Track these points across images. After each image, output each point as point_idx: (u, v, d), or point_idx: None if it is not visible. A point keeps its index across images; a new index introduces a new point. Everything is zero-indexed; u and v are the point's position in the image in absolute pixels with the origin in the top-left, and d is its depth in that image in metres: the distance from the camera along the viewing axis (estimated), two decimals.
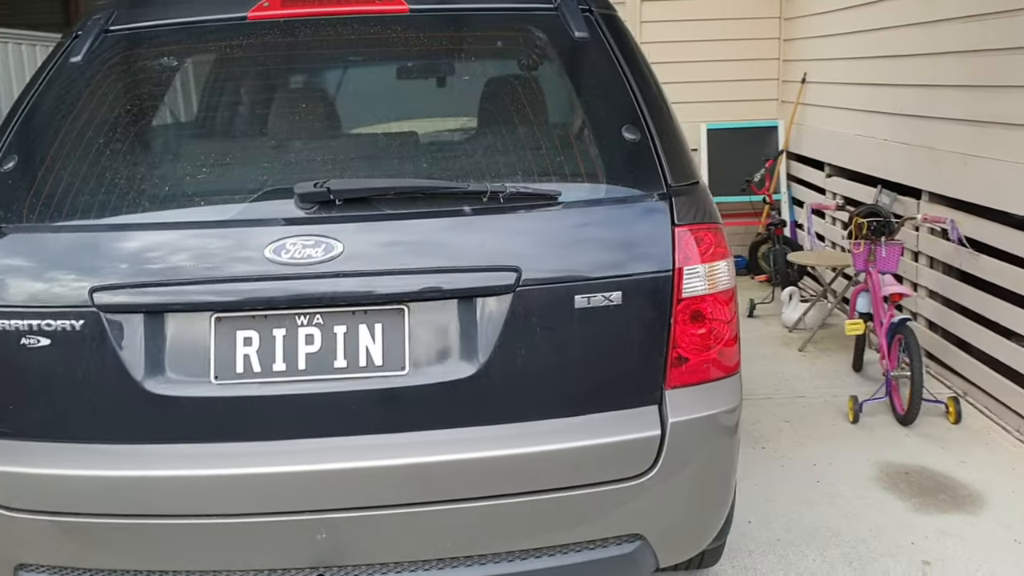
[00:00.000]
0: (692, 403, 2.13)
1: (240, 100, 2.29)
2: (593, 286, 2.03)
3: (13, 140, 2.18)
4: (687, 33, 7.63)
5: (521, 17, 2.31)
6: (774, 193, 7.14)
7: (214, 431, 2.01)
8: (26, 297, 2.03)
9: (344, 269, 1.98)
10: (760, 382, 4.99)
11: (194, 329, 2.01)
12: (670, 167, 2.15)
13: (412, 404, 2.02)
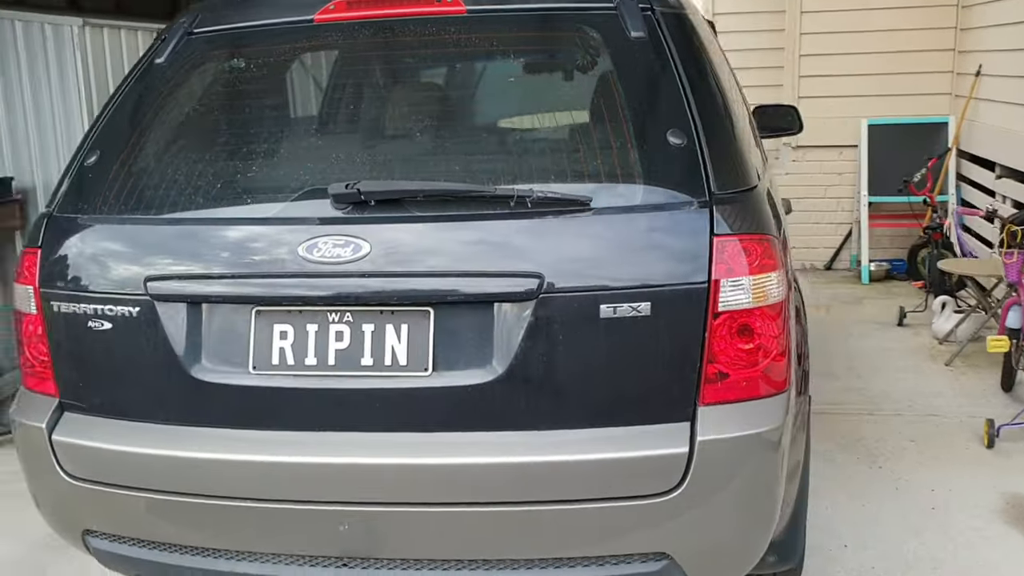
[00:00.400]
0: (728, 421, 2.03)
1: (297, 100, 2.37)
2: (619, 296, 1.97)
3: (98, 136, 2.35)
4: (851, 23, 7.24)
5: (578, 17, 2.27)
6: (938, 194, 6.67)
7: (249, 418, 2.10)
8: (94, 283, 2.19)
9: (371, 269, 2.02)
10: (893, 397, 4.70)
11: (236, 320, 2.11)
12: (716, 174, 2.05)
13: (433, 405, 2.04)
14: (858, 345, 5.60)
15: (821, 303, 6.67)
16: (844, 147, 7.49)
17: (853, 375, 5.06)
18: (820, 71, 7.40)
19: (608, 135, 2.14)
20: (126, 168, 2.27)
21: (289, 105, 2.39)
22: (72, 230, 2.25)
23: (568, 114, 2.23)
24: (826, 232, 7.73)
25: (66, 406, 2.28)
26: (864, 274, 7.22)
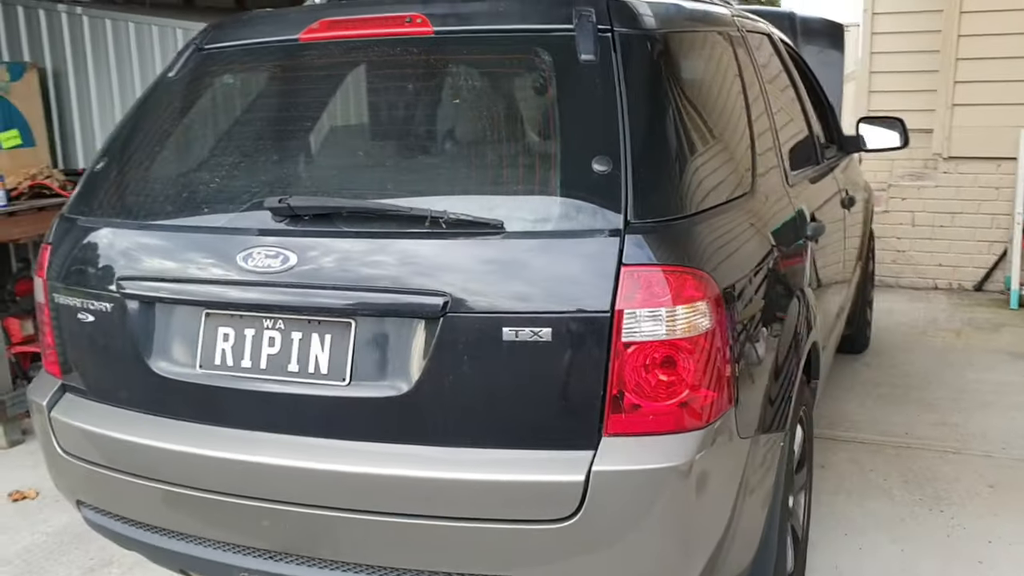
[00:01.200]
0: (631, 453, 2.00)
1: (267, 114, 2.52)
2: (522, 320, 1.99)
3: (108, 144, 2.60)
4: (1016, 24, 6.69)
5: (536, 39, 2.28)
6: None
7: (196, 412, 2.28)
8: (84, 280, 2.43)
9: (297, 280, 2.13)
10: (989, 436, 4.36)
11: (190, 321, 2.29)
12: (639, 203, 2.02)
13: (349, 414, 2.13)
14: (976, 376, 5.21)
15: (953, 327, 6.24)
16: (1003, 159, 6.94)
17: (954, 409, 4.73)
18: (978, 76, 6.88)
19: (535, 159, 2.15)
20: (119, 175, 2.50)
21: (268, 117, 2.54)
22: (73, 230, 2.51)
23: (503, 137, 2.25)
24: (978, 251, 7.19)
25: (67, 388, 2.54)
26: (1014, 299, 6.68)
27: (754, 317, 2.33)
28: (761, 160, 2.69)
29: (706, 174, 2.28)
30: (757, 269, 2.40)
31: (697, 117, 2.41)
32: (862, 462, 4.12)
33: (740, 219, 2.39)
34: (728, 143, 2.54)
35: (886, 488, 3.86)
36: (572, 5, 2.26)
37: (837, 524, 3.56)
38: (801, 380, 2.79)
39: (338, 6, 2.53)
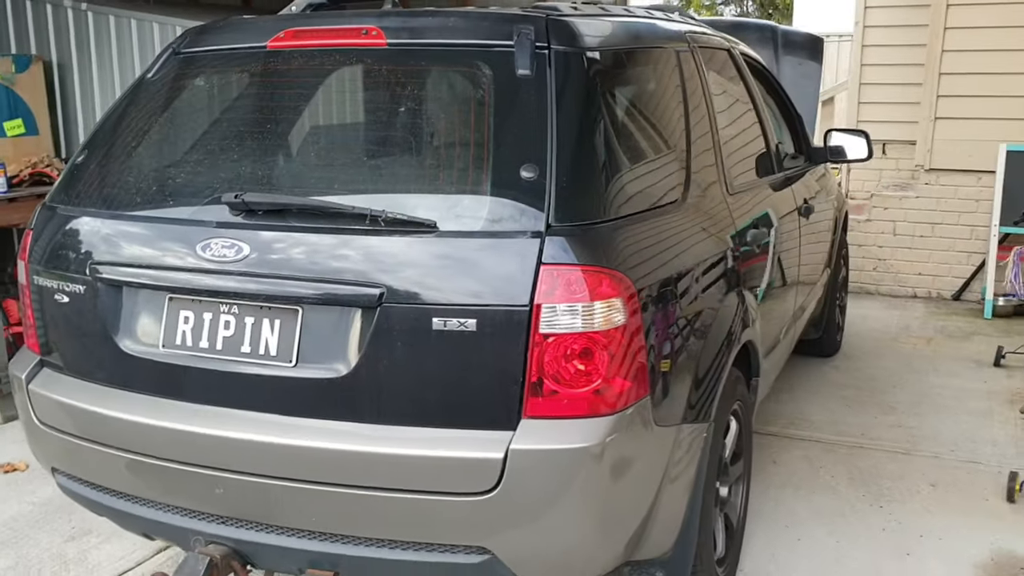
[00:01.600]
0: (546, 434, 2.19)
1: (233, 116, 2.72)
2: (448, 311, 2.18)
3: (89, 138, 2.81)
4: (998, 41, 6.84)
5: (479, 54, 2.47)
6: None
7: (158, 387, 2.48)
8: (59, 264, 2.63)
9: (248, 270, 2.33)
10: (940, 439, 4.53)
11: (154, 304, 2.49)
12: (560, 208, 2.20)
13: (295, 392, 2.33)
14: (939, 382, 5.39)
15: (925, 335, 6.40)
16: (982, 172, 7.09)
17: (912, 412, 4.90)
18: (960, 91, 7.04)
19: (469, 165, 2.35)
20: (98, 168, 2.71)
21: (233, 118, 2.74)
22: (52, 218, 2.71)
23: (442, 143, 2.45)
24: (957, 261, 7.35)
25: (44, 363, 2.75)
26: (987, 308, 6.84)
27: (674, 315, 2.51)
28: (696, 171, 2.88)
29: (629, 183, 2.47)
30: (680, 271, 2.58)
31: (627, 130, 2.60)
32: (814, 460, 4.30)
33: (664, 225, 2.57)
34: (658, 155, 2.72)
35: (832, 484, 4.04)
36: (514, 23, 2.45)
37: (780, 516, 3.74)
38: (733, 376, 2.97)
39: (304, 17, 2.73)
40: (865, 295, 7.59)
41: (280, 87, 2.72)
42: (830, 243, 5.22)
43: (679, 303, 2.55)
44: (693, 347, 2.62)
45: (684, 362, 2.56)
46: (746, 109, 3.72)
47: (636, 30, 2.92)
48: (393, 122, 2.54)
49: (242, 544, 2.43)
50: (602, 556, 2.40)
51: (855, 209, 7.86)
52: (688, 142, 2.89)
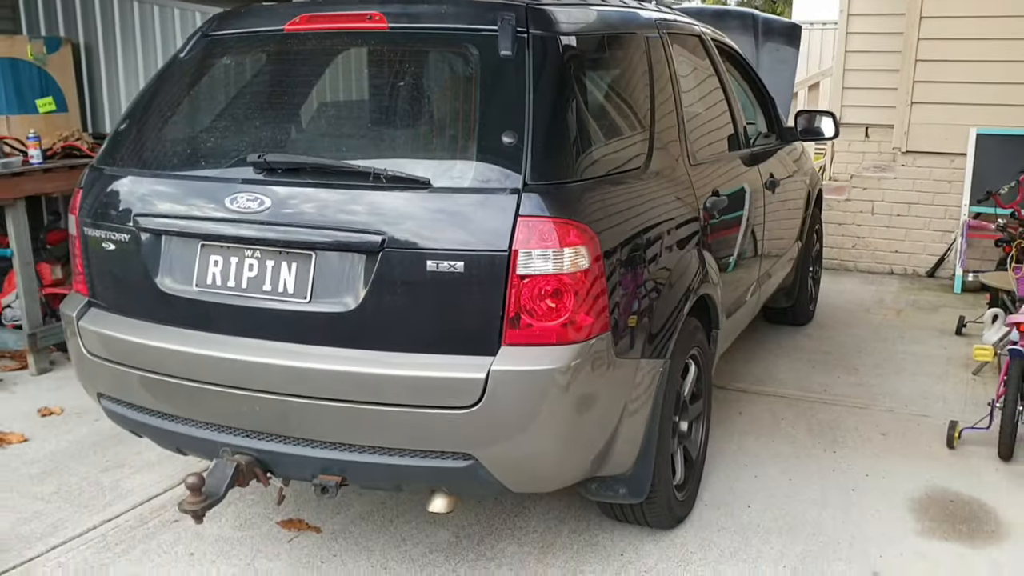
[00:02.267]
0: (521, 358, 2.61)
1: (256, 89, 3.14)
2: (440, 255, 2.60)
3: (130, 109, 3.23)
4: (970, 30, 7.22)
5: (467, 36, 2.87)
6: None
7: (192, 321, 2.89)
8: (107, 216, 3.05)
9: (270, 219, 2.75)
10: (897, 396, 4.94)
11: (188, 250, 2.91)
12: (535, 169, 2.61)
13: (309, 324, 2.74)
14: (902, 349, 5.79)
15: (896, 307, 6.81)
16: (955, 155, 7.47)
17: (874, 373, 5.31)
18: (935, 77, 7.42)
19: (458, 131, 2.76)
20: (138, 134, 3.12)
21: (255, 91, 3.16)
22: (100, 177, 3.13)
23: (438, 113, 2.86)
24: (932, 239, 7.74)
25: (92, 303, 3.18)
26: (957, 283, 7.23)
27: (634, 264, 2.92)
28: (660, 142, 3.29)
29: (596, 151, 2.88)
30: (640, 227, 2.99)
31: (596, 105, 3.01)
32: (777, 412, 4.72)
33: (627, 188, 2.99)
34: (624, 127, 3.13)
35: (793, 434, 4.46)
36: (498, 11, 2.86)
37: (741, 458, 4.16)
38: (691, 325, 3.39)
39: (317, 3, 3.14)
40: (844, 271, 7.99)
41: (295, 64, 3.13)
42: (801, 218, 5.62)
43: (639, 254, 2.97)
44: (651, 294, 3.04)
45: (642, 306, 2.98)
46: (713, 90, 4.13)
47: (608, 17, 3.33)
48: (393, 95, 2.95)
49: (263, 454, 2.85)
50: (569, 465, 2.82)
51: (837, 190, 8.27)
52: (652, 117, 3.29)
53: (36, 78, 5.85)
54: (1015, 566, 3.29)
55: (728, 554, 3.36)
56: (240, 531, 3.52)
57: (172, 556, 3.36)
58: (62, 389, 5.05)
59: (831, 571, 3.26)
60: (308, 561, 3.32)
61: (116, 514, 3.66)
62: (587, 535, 3.48)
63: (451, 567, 3.28)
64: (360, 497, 3.76)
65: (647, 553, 3.36)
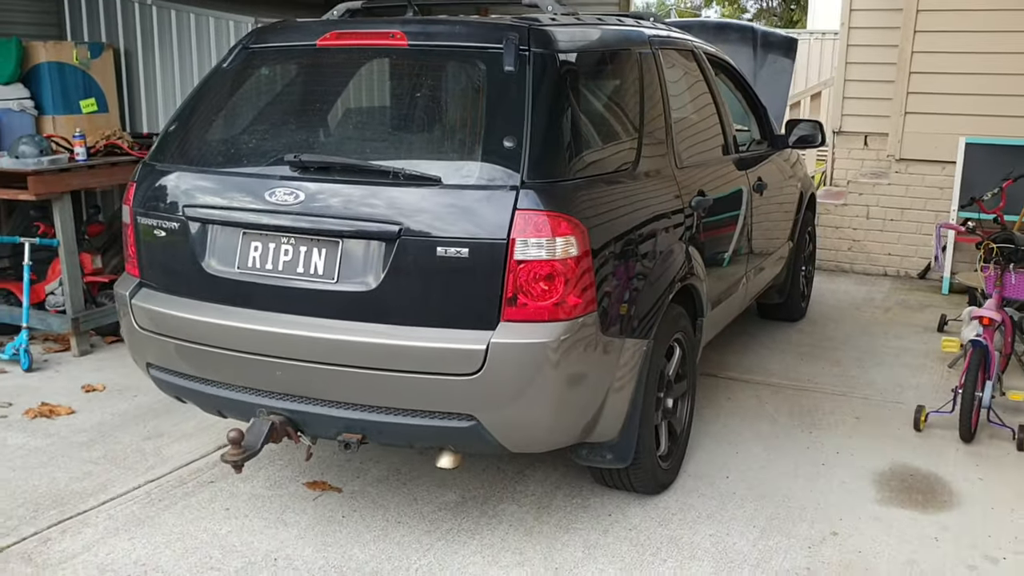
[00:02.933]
0: (517, 332, 3.01)
1: (291, 97, 3.57)
2: (448, 242, 3.01)
3: (179, 112, 3.66)
4: (960, 45, 7.57)
5: (477, 53, 3.29)
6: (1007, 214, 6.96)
7: (234, 298, 3.31)
8: (159, 207, 3.49)
9: (303, 211, 3.17)
10: (875, 385, 5.31)
11: (231, 237, 3.33)
12: (532, 169, 3.02)
13: (336, 301, 3.16)
14: (885, 343, 6.16)
15: (885, 306, 7.17)
16: (946, 163, 7.82)
17: (856, 365, 5.68)
18: (927, 89, 7.77)
19: (466, 136, 3.18)
20: (185, 134, 3.56)
21: (290, 98, 3.59)
22: (153, 172, 3.57)
23: (449, 119, 3.28)
24: (924, 243, 8.09)
25: (143, 284, 3.61)
26: (945, 285, 7.59)
27: (620, 254, 3.32)
28: (647, 147, 3.69)
29: (587, 154, 3.29)
30: (627, 221, 3.39)
31: (589, 113, 3.41)
32: (762, 398, 5.11)
33: (615, 187, 3.40)
34: (614, 133, 3.54)
35: (774, 416, 4.85)
36: (503, 31, 3.27)
37: (726, 436, 4.55)
38: (675, 311, 3.79)
39: (345, 22, 3.57)
40: (840, 272, 8.36)
41: (326, 75, 3.56)
42: (793, 220, 6.00)
43: (626, 245, 3.37)
44: (636, 281, 3.44)
45: (628, 291, 3.38)
46: (703, 98, 4.53)
47: (604, 36, 3.73)
48: (410, 103, 3.38)
49: (294, 414, 3.28)
50: (560, 428, 3.23)
51: (834, 195, 8.64)
52: (642, 124, 3.70)
53: (80, 81, 6.31)
54: (959, 528, 3.67)
55: (705, 516, 3.76)
56: (270, 490, 3.94)
57: (210, 511, 3.78)
58: (102, 369, 5.50)
59: (795, 531, 3.64)
60: (331, 516, 3.74)
61: (158, 476, 4.09)
62: (579, 499, 3.89)
63: (457, 522, 3.69)
64: (376, 463, 4.17)
65: (632, 514, 3.76)
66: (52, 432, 4.55)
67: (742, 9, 39.04)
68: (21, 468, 4.15)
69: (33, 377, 5.32)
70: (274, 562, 3.40)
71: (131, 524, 3.66)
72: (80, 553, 3.45)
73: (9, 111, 5.93)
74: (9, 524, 3.65)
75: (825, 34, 13.78)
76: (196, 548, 3.49)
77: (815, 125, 5.58)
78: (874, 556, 3.48)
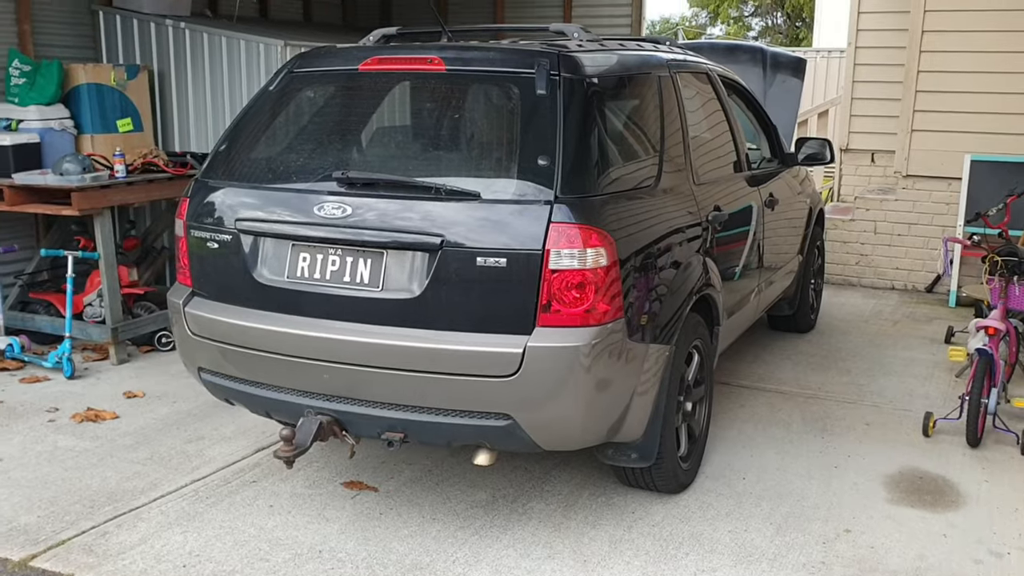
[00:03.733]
0: (552, 336, 3.23)
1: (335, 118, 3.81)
2: (488, 253, 3.23)
3: (228, 132, 3.91)
4: (964, 64, 7.81)
5: (510, 78, 3.53)
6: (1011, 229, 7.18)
7: (284, 306, 3.54)
8: (211, 220, 3.73)
9: (351, 223, 3.41)
10: (884, 394, 5.51)
11: (281, 249, 3.57)
12: (564, 185, 3.25)
13: (381, 309, 3.38)
14: (894, 354, 6.36)
15: (893, 319, 7.38)
16: (952, 179, 8.04)
17: (865, 375, 5.89)
18: (933, 107, 8.00)
19: (502, 154, 3.42)
20: (233, 154, 3.80)
21: (334, 119, 3.84)
22: (205, 188, 3.81)
23: (488, 139, 3.52)
24: (930, 257, 8.29)
25: (195, 292, 3.84)
26: (952, 298, 7.79)
27: (645, 264, 3.55)
28: (668, 164, 3.93)
29: (614, 171, 3.52)
30: (651, 233, 3.62)
31: (614, 133, 3.65)
32: (775, 405, 5.32)
33: (640, 201, 3.63)
34: (637, 152, 3.78)
35: (787, 422, 5.06)
36: (535, 57, 3.52)
37: (740, 440, 4.76)
38: (694, 319, 4.01)
39: (385, 48, 3.82)
40: (848, 286, 8.57)
41: (368, 97, 3.81)
42: (802, 235, 6.23)
43: (649, 257, 3.60)
44: (659, 290, 3.67)
45: (651, 299, 3.60)
46: (718, 119, 4.77)
47: (626, 61, 3.98)
48: (448, 124, 3.62)
49: (341, 414, 3.50)
50: (590, 427, 3.45)
51: (843, 210, 8.86)
52: (662, 143, 3.94)
53: (117, 101, 6.57)
54: (966, 526, 3.88)
55: (723, 514, 3.97)
56: (310, 489, 4.16)
57: (254, 508, 4.00)
58: (140, 377, 5.74)
59: (810, 528, 3.85)
60: (369, 513, 3.96)
61: (203, 475, 4.31)
62: (604, 498, 4.10)
63: (489, 519, 3.90)
64: (409, 465, 4.39)
65: (655, 512, 3.97)
66: (99, 435, 4.78)
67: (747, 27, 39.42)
68: (74, 468, 4.37)
69: (76, 384, 5.55)
70: (319, 554, 3.61)
71: (182, 519, 3.88)
72: (137, 545, 3.67)
73: (51, 130, 6.18)
74: (68, 519, 3.87)
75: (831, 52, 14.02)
76: (245, 541, 3.70)
77: (823, 143, 5.81)
78: (886, 551, 3.68)
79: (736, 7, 37.68)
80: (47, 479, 4.24)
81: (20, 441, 4.68)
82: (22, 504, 4.00)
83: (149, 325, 6.15)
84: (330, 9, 9.62)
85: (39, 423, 4.93)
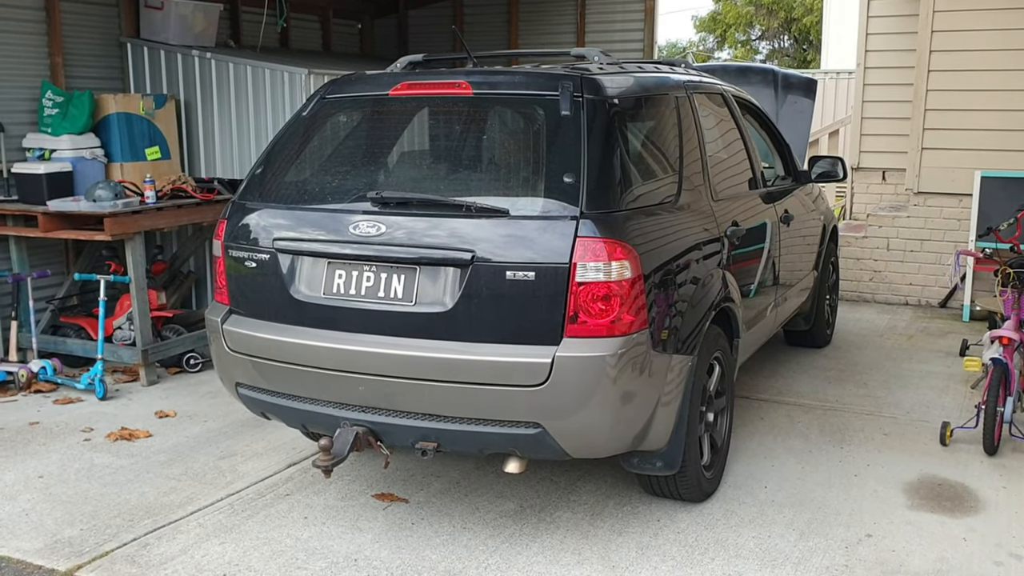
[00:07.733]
0: (579, 347, 3.35)
1: (367, 141, 3.96)
2: (517, 267, 3.37)
3: (264, 156, 4.07)
4: (972, 83, 7.94)
5: (535, 100, 3.67)
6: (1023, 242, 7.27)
7: (321, 322, 3.67)
8: (249, 240, 3.87)
9: (385, 241, 3.55)
10: (901, 406, 5.60)
11: (317, 266, 3.71)
12: (589, 201, 3.38)
13: (415, 322, 3.51)
14: (909, 367, 6.46)
15: (908, 333, 7.47)
16: (963, 195, 8.15)
17: (882, 387, 5.98)
18: (943, 125, 8.13)
19: (530, 172, 3.56)
20: (271, 176, 3.95)
21: (366, 141, 3.99)
22: (243, 210, 3.96)
23: (514, 158, 3.66)
24: (943, 272, 8.38)
25: (232, 310, 3.98)
26: (965, 312, 7.88)
27: (667, 276, 3.67)
28: (687, 181, 4.06)
29: (636, 187, 3.66)
30: (673, 247, 3.75)
31: (636, 152, 3.79)
32: (794, 417, 5.42)
33: (661, 216, 3.76)
34: (658, 169, 3.92)
35: (806, 433, 5.15)
36: (559, 79, 3.67)
37: (761, 451, 4.86)
38: (714, 331, 4.13)
39: (414, 74, 3.98)
40: (862, 302, 8.66)
41: (399, 121, 3.96)
42: (816, 251, 6.34)
43: (671, 270, 3.72)
44: (681, 301, 3.79)
45: (674, 311, 3.72)
46: (734, 139, 4.91)
47: (644, 82, 4.12)
48: (477, 144, 3.77)
49: (375, 425, 3.62)
50: (617, 434, 3.56)
51: (855, 228, 8.97)
52: (681, 161, 4.07)
53: (146, 130, 6.76)
54: (985, 530, 3.96)
55: (747, 521, 4.06)
56: (343, 501, 4.28)
57: (289, 519, 4.12)
58: (170, 397, 5.87)
59: (832, 533, 3.94)
60: (401, 523, 4.07)
61: (237, 490, 4.43)
62: (629, 507, 4.20)
63: (518, 528, 4.01)
64: (438, 477, 4.51)
65: (680, 519, 4.07)
66: (134, 453, 4.91)
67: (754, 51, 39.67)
68: (112, 484, 4.50)
69: (108, 405, 5.69)
70: (355, 562, 3.72)
71: (220, 531, 3.99)
72: (177, 556, 3.78)
73: (83, 159, 6.37)
74: (109, 532, 3.99)
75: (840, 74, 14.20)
76: (282, 551, 3.82)
77: (835, 161, 5.94)
78: (907, 554, 3.76)
79: (743, 31, 37.95)
80: (87, 495, 4.37)
81: (58, 459, 4.81)
82: (64, 518, 4.12)
83: (178, 347, 6.30)
84: (348, 39, 9.84)
85: (75, 442, 5.06)
